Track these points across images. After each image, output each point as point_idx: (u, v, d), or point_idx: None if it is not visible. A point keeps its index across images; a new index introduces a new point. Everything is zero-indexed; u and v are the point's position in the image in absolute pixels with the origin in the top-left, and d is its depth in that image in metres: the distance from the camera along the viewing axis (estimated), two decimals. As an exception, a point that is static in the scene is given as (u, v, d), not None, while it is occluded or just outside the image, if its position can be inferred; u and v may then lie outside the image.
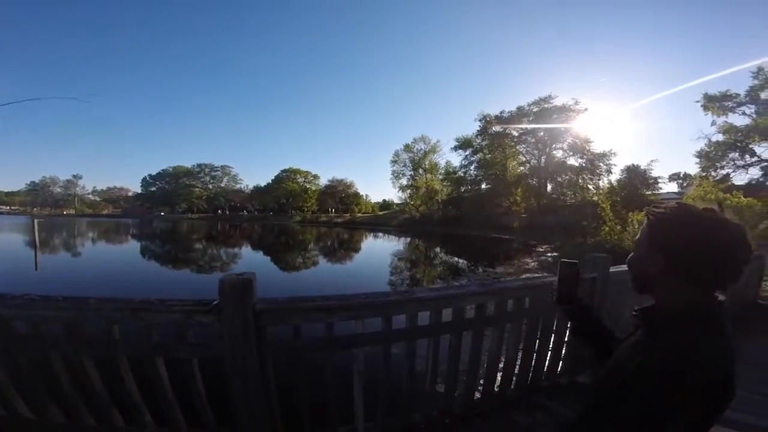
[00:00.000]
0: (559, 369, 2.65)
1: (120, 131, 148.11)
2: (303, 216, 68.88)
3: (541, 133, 41.07)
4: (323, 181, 79.99)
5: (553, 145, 41.62)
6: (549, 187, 42.73)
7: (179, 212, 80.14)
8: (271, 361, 1.73)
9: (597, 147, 38.68)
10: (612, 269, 2.69)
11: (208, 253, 19.57)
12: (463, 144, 46.67)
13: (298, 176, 78.60)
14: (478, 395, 2.33)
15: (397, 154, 52.93)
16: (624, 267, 2.51)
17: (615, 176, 32.22)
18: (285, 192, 75.39)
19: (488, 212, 39.31)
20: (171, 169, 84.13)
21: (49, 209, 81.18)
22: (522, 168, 44.63)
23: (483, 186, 46.09)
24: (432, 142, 51.49)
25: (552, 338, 2.55)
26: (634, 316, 0.82)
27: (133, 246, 22.42)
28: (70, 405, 1.79)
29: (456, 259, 17.58)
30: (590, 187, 38.44)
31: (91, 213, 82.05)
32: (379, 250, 21.06)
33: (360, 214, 70.56)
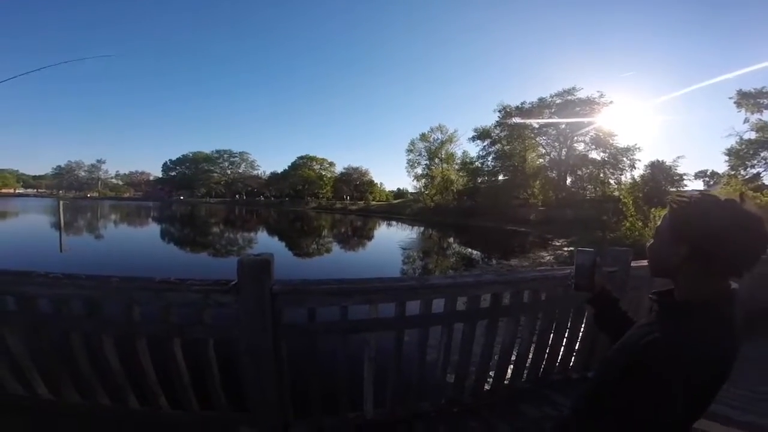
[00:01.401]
0: (571, 364, 2.62)
1: (141, 117, 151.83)
2: (318, 203, 69.44)
3: (563, 126, 39.88)
4: (339, 169, 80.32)
5: (575, 138, 40.43)
6: (568, 181, 41.72)
7: (198, 196, 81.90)
8: (285, 344, 1.75)
9: (621, 141, 37.43)
10: (633, 264, 2.60)
11: (225, 236, 19.98)
12: (481, 134, 45.81)
13: (314, 163, 78.99)
14: (487, 386, 2.31)
15: (413, 143, 52.41)
16: (644, 263, 2.42)
17: (638, 171, 31.19)
18: (301, 179, 75.97)
19: (504, 204, 38.60)
20: (191, 155, 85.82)
21: (74, 192, 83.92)
22: (541, 160, 43.61)
23: (500, 177, 45.31)
24: (449, 132, 50.74)
25: (566, 332, 2.51)
26: (651, 299, 0.83)
27: (152, 228, 23.06)
28: (87, 385, 1.85)
29: (470, 250, 17.45)
30: (612, 181, 37.36)
31: (113, 196, 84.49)
32: (392, 239, 21.00)
33: (374, 202, 70.59)
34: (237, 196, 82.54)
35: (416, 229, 29.32)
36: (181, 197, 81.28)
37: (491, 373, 2.30)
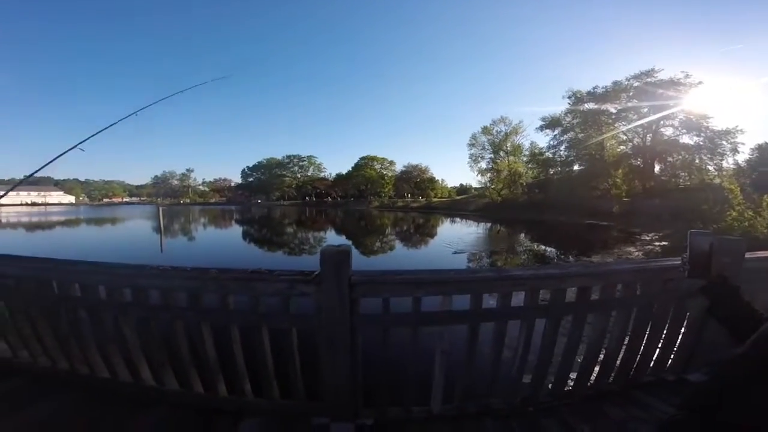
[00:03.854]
0: (668, 364, 2.33)
1: (223, 127, 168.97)
2: (380, 201, 70.61)
3: (645, 110, 35.37)
4: (399, 167, 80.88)
5: (661, 122, 35.62)
6: (657, 168, 36.95)
7: (273, 199, 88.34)
8: (360, 334, 1.77)
9: (718, 124, 31.92)
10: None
11: (298, 236, 21.27)
12: (550, 123, 42.65)
13: (375, 163, 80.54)
14: (568, 387, 2.15)
15: (474, 137, 50.84)
16: (761, 254, 2.04)
17: (743, 156, 27.28)
18: (363, 179, 78.05)
19: (581, 196, 35.43)
20: (265, 161, 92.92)
21: (169, 199, 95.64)
22: (623, 147, 39.20)
23: (575, 167, 41.80)
24: (513, 123, 48.28)
25: (665, 330, 2.24)
26: None
27: (236, 230, 25.44)
28: (185, 373, 2.01)
29: (542, 246, 16.34)
30: (710, 168, 32.22)
31: (201, 201, 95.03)
32: (456, 236, 20.48)
33: (436, 199, 69.81)
34: (307, 198, 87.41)
35: (482, 225, 28.31)
36: (259, 201, 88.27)
37: (572, 373, 2.13)
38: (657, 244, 15.55)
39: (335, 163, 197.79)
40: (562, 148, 42.29)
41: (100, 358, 2.16)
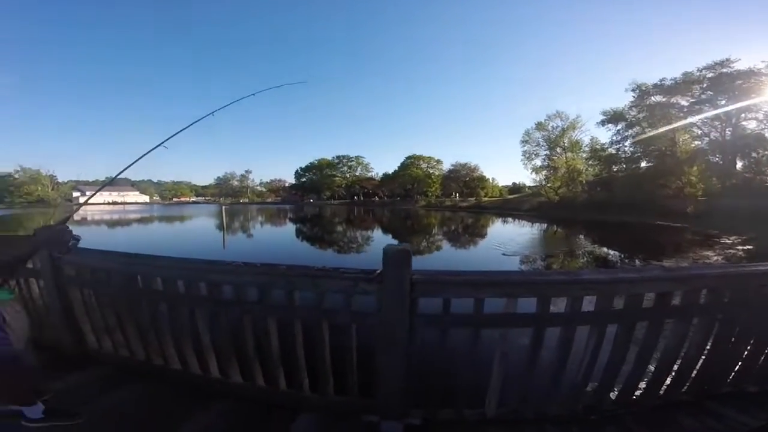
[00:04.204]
0: (751, 375, 2.10)
1: (279, 130, 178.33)
2: (427, 201, 69.95)
3: (723, 102, 31.40)
4: (446, 166, 79.63)
5: (743, 115, 31.41)
6: (739, 165, 32.67)
7: (324, 199, 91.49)
8: (418, 334, 1.76)
9: None
10: None
11: (347, 234, 21.75)
12: (612, 117, 39.51)
13: (422, 162, 79.96)
14: (635, 396, 2.00)
15: (527, 133, 48.34)
16: None
17: None
18: (410, 178, 77.83)
19: (650, 195, 32.36)
20: (316, 162, 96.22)
21: (230, 198, 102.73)
22: (697, 142, 35.20)
23: (642, 164, 38.28)
24: (570, 118, 45.19)
25: (752, 339, 2.01)
26: None
27: (289, 228, 26.63)
28: (249, 367, 2.10)
29: (605, 249, 15.12)
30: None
31: (259, 201, 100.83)
32: (507, 236, 19.59)
33: (486, 198, 67.71)
34: (355, 197, 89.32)
35: (536, 226, 26.92)
36: (311, 200, 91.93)
37: (644, 382, 1.98)
38: (740, 248, 13.73)
39: (382, 163, 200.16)
40: (627, 143, 39.05)
41: (174, 350, 2.32)
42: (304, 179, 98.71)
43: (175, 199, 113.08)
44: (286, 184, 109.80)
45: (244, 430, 1.93)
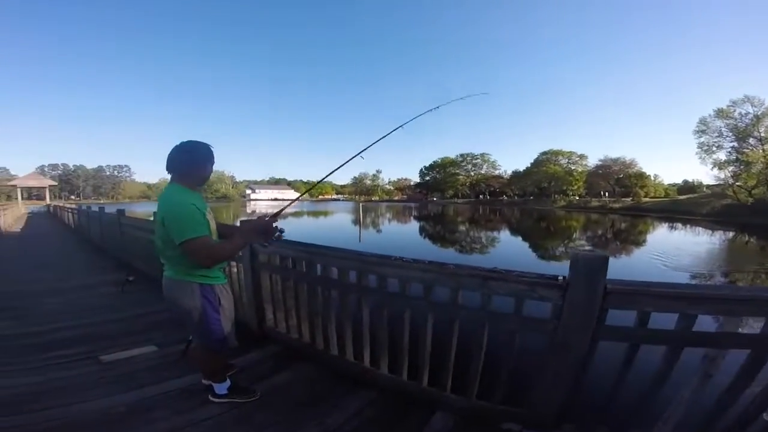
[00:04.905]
0: None
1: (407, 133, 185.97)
2: (568, 200, 62.47)
3: None
4: (592, 161, 69.38)
5: None
6: None
7: (447, 197, 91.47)
8: (598, 346, 1.62)
9: None
10: None
11: (470, 234, 21.18)
12: None
13: (560, 158, 71.85)
14: None
15: (704, 122, 38.79)
16: None
17: None
18: (545, 175, 70.86)
19: None
20: (439, 161, 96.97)
21: (363, 196, 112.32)
22: None
23: None
24: (766, 103, 34.12)
25: None
26: None
27: (413, 225, 27.51)
28: (398, 360, 2.18)
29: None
30: None
31: (387, 199, 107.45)
32: (673, 245, 15.44)
33: (647, 199, 56.49)
34: (480, 196, 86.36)
35: (718, 234, 21.15)
36: (434, 199, 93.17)
37: None
38: None
39: (511, 160, 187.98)
40: None
41: (335, 336, 2.54)
42: (428, 178, 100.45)
43: (320, 197, 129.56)
44: (412, 183, 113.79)
45: (386, 419, 2.02)
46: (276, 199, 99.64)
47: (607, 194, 62.62)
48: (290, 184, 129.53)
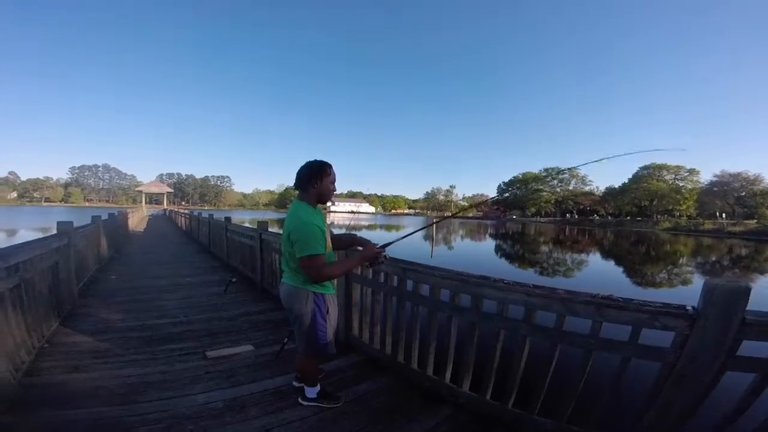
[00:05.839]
0: None
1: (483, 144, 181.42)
2: (675, 222, 54.27)
3: None
4: (706, 176, 59.57)
5: None
6: None
7: (528, 215, 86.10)
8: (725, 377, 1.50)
9: None
10: None
11: (553, 256, 19.51)
12: None
13: (665, 172, 62.99)
14: None
15: None
16: None
17: None
18: (646, 193, 62.85)
19: None
20: (520, 176, 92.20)
21: (436, 212, 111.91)
22: None
23: None
24: None
25: None
26: None
27: (490, 243, 26.31)
28: (482, 379, 2.19)
29: None
30: None
31: (461, 215, 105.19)
32: None
33: (780, 222, 46.45)
34: (567, 214, 79.63)
35: None
36: (513, 216, 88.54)
37: None
38: None
39: (601, 175, 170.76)
40: None
41: (418, 351, 2.59)
42: (507, 194, 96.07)
43: (393, 211, 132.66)
44: (488, 199, 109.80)
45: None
46: (352, 212, 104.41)
47: (724, 215, 53.11)
48: (366, 198, 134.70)
